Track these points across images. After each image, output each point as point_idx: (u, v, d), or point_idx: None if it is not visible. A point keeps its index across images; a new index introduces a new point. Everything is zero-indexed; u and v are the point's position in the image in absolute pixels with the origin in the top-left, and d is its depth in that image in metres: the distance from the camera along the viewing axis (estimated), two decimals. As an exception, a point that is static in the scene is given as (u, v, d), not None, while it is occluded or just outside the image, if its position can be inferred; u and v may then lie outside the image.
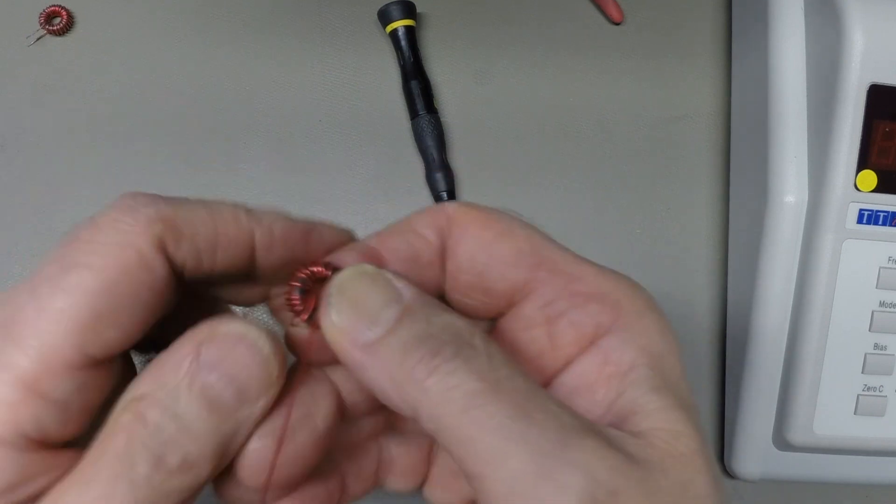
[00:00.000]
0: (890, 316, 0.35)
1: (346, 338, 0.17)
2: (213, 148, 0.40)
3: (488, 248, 0.19)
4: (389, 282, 0.18)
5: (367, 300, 0.18)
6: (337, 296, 0.18)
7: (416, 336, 0.17)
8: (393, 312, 0.17)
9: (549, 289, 0.19)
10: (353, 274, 0.18)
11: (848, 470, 0.37)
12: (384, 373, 0.17)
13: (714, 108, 0.44)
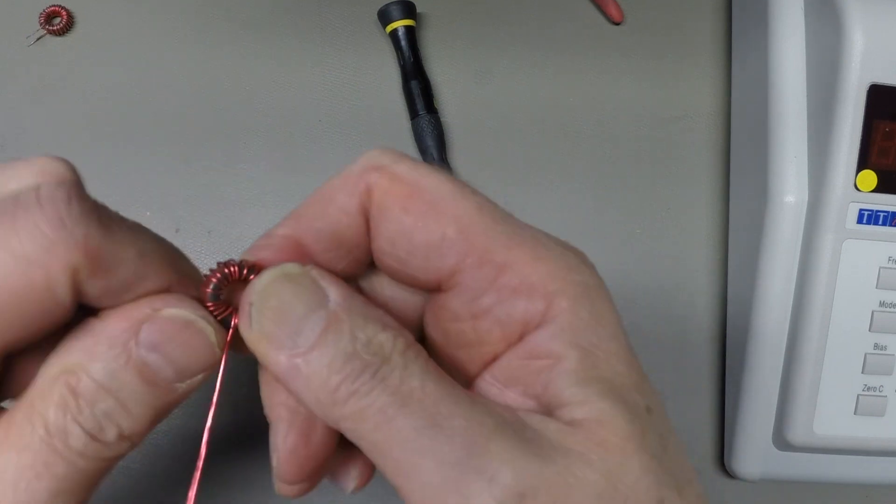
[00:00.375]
0: (890, 316, 0.35)
1: (268, 349, 0.17)
2: (213, 148, 0.40)
3: (410, 235, 0.18)
4: (314, 283, 0.17)
5: (290, 309, 0.17)
6: (258, 304, 0.17)
7: (340, 355, 0.16)
8: (318, 323, 0.16)
9: (475, 282, 0.18)
10: (275, 277, 0.17)
11: (848, 470, 0.37)
12: (307, 389, 0.16)
13: (714, 108, 0.44)
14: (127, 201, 0.39)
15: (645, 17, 0.44)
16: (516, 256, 0.18)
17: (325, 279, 0.17)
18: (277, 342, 0.17)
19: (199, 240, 0.39)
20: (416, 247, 0.18)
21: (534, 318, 0.18)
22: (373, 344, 0.16)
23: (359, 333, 0.16)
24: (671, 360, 0.40)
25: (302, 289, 0.17)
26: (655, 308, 0.41)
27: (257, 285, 0.17)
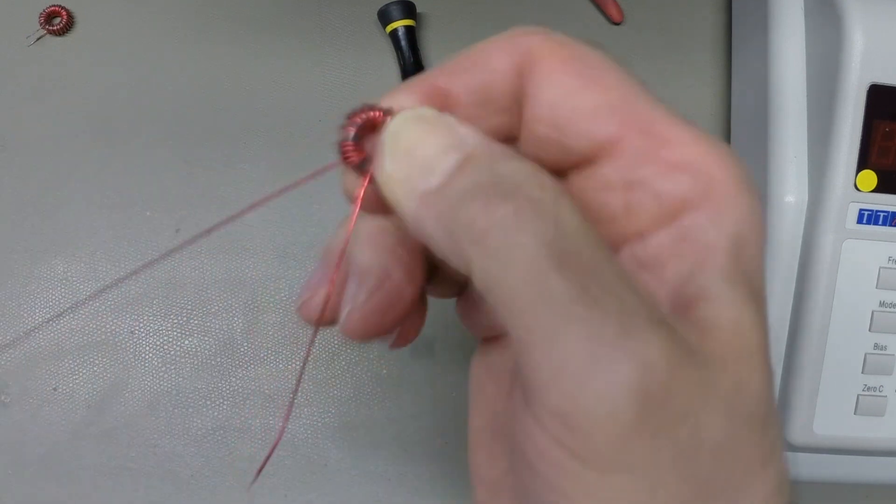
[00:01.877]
0: (890, 316, 0.35)
1: (400, 188, 0.16)
2: (213, 148, 0.40)
3: (573, 98, 0.17)
4: (451, 127, 0.16)
5: (424, 147, 0.16)
6: (391, 143, 0.16)
7: (478, 184, 0.15)
8: (452, 161, 0.16)
9: (636, 151, 0.17)
10: (409, 118, 0.17)
11: (848, 470, 0.37)
12: (440, 224, 0.15)
13: (714, 108, 0.44)
14: (127, 201, 0.39)
15: (645, 17, 0.44)
16: (681, 134, 0.17)
17: (464, 126, 0.16)
18: (409, 182, 0.16)
19: (199, 239, 0.39)
20: (579, 110, 0.17)
21: (693, 198, 0.17)
22: (517, 175, 0.15)
23: (499, 167, 0.15)
24: (671, 360, 0.40)
25: (437, 130, 0.16)
26: (655, 308, 0.41)
27: (391, 126, 0.17)
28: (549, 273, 0.14)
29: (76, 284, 0.38)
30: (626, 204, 0.17)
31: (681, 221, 0.17)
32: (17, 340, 0.38)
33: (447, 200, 0.15)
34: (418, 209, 0.16)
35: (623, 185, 0.17)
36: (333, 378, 0.39)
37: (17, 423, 0.37)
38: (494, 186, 0.15)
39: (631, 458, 0.14)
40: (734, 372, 0.15)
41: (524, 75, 0.17)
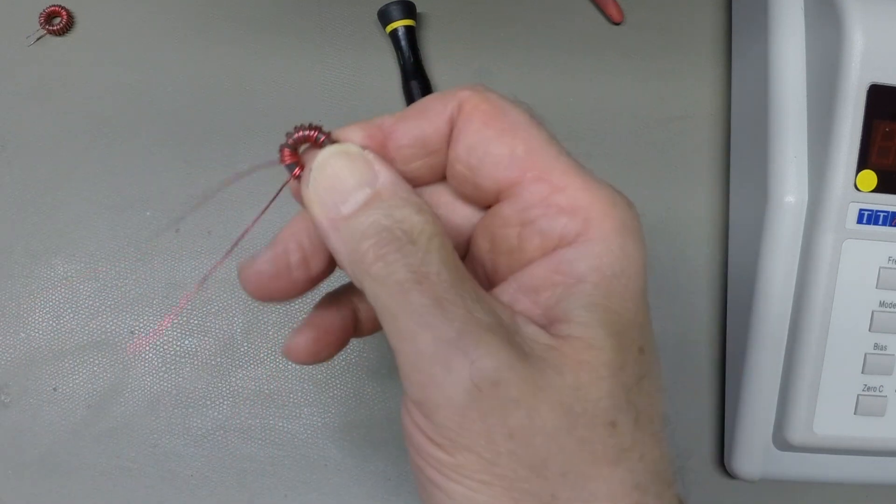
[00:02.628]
0: (890, 316, 0.35)
1: (317, 208, 0.20)
2: (213, 148, 0.40)
3: (485, 146, 0.21)
4: (369, 164, 0.20)
5: (342, 179, 0.20)
6: (317, 170, 0.20)
7: (374, 225, 0.19)
8: (362, 196, 0.20)
9: (530, 195, 0.20)
10: (336, 152, 0.20)
11: (848, 470, 0.37)
12: (343, 247, 0.20)
13: (714, 108, 0.44)
14: (127, 201, 0.39)
15: (645, 17, 0.44)
16: (571, 182, 0.20)
17: (380, 163, 0.20)
18: (325, 206, 0.20)
19: (199, 240, 0.39)
20: (488, 156, 0.21)
21: (569, 236, 0.20)
22: (405, 223, 0.19)
23: (395, 212, 0.19)
24: (671, 360, 0.40)
25: (356, 165, 0.20)
26: (655, 308, 0.40)
27: (321, 155, 0.21)
28: (411, 290, 0.18)
29: (76, 284, 0.38)
30: (520, 238, 0.21)
31: (557, 255, 0.20)
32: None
33: (351, 230, 0.19)
34: (328, 228, 0.20)
35: (518, 223, 0.21)
36: (333, 378, 0.39)
37: (17, 423, 0.37)
38: (387, 230, 0.19)
39: (468, 438, 0.18)
40: (573, 377, 0.18)
41: (454, 124, 0.21)
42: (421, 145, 0.22)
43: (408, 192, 0.20)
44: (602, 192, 0.20)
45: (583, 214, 0.20)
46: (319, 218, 0.20)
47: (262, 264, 0.22)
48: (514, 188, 0.21)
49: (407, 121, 0.21)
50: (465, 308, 0.18)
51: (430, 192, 0.23)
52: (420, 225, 0.19)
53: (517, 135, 0.21)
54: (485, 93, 0.21)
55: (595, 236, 0.20)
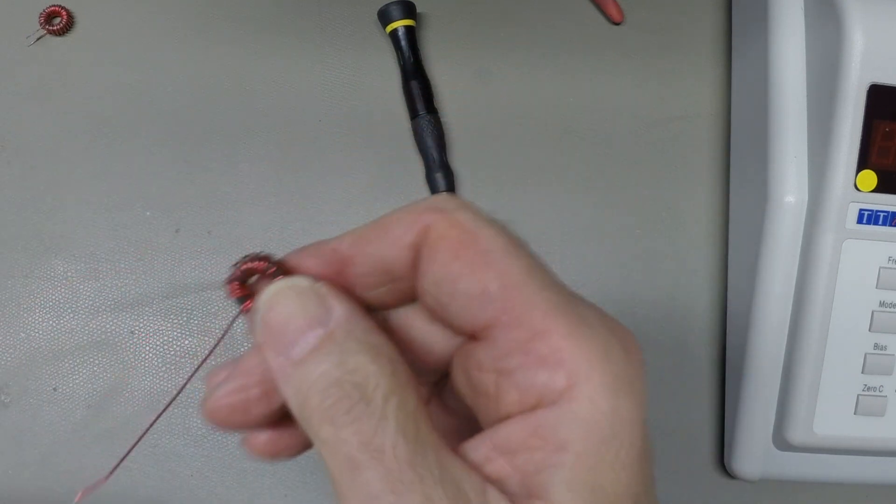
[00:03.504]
0: (890, 316, 0.35)
1: (269, 355, 0.18)
2: (213, 148, 0.40)
3: (454, 281, 0.18)
4: (321, 300, 0.18)
5: (292, 319, 0.18)
6: (265, 310, 0.18)
7: (324, 377, 0.17)
8: (313, 338, 0.17)
9: (507, 341, 0.18)
10: (282, 288, 0.18)
11: (848, 470, 0.37)
12: (292, 398, 0.17)
13: (714, 108, 0.44)
14: (127, 201, 0.39)
15: (645, 17, 0.44)
16: (554, 326, 0.17)
17: (334, 298, 0.18)
18: (275, 349, 0.18)
19: (199, 240, 0.39)
20: (458, 294, 0.18)
21: (551, 394, 0.17)
22: (358, 373, 0.17)
23: (349, 359, 0.17)
24: (671, 360, 0.40)
25: (306, 303, 0.18)
26: (655, 308, 0.41)
27: (268, 293, 0.18)
28: (362, 468, 0.16)
29: (76, 284, 0.38)
30: (496, 388, 0.18)
31: (536, 415, 0.17)
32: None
33: (299, 379, 0.17)
34: (277, 374, 0.18)
35: (494, 371, 0.18)
36: (333, 378, 0.39)
37: (17, 423, 0.37)
38: (338, 385, 0.17)
39: None
40: None
41: (419, 251, 0.19)
42: (383, 272, 0.19)
43: (365, 332, 0.18)
44: (592, 339, 0.17)
45: (567, 368, 0.17)
46: (270, 360, 0.18)
47: (220, 399, 0.20)
48: (489, 331, 0.18)
49: (366, 245, 0.19)
50: (423, 494, 0.16)
51: (403, 314, 0.21)
52: (375, 378, 0.17)
53: (491, 267, 0.18)
54: (454, 214, 0.18)
55: (581, 395, 0.17)
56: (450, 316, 0.19)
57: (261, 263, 0.19)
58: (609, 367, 0.17)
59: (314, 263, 0.19)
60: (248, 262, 0.19)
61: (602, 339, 0.17)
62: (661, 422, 0.40)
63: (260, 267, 0.19)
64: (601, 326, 0.18)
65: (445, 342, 0.20)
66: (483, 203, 0.41)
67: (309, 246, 0.20)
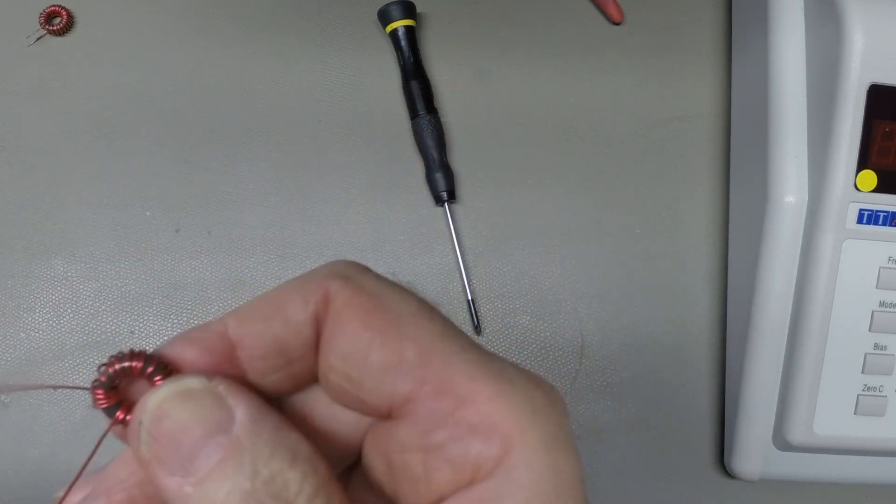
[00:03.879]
0: (890, 316, 0.35)
1: (157, 471, 0.15)
2: (213, 148, 0.40)
3: (366, 354, 0.16)
4: (219, 402, 0.15)
5: (186, 432, 0.15)
6: (148, 424, 0.15)
7: (234, 493, 0.14)
8: (216, 451, 0.15)
9: (430, 413, 0.16)
10: (172, 394, 0.15)
11: (848, 470, 0.37)
12: None
13: (714, 108, 0.44)
14: (127, 201, 0.39)
15: (645, 17, 0.44)
16: (479, 390, 0.16)
17: (235, 396, 0.15)
18: (168, 466, 0.15)
19: (199, 240, 0.39)
20: (371, 366, 0.16)
21: (487, 464, 0.16)
22: (276, 482, 0.15)
23: (262, 467, 0.15)
24: (671, 360, 0.40)
25: (202, 408, 0.15)
26: (655, 308, 0.41)
27: (149, 402, 0.15)
28: None
29: (76, 284, 0.38)
30: (425, 468, 0.16)
31: (475, 490, 0.16)
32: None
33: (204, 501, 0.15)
34: (174, 497, 0.15)
35: (419, 449, 0.16)
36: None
37: (17, 423, 0.37)
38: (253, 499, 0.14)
39: None
40: None
41: (320, 324, 0.17)
42: (277, 355, 0.17)
43: (275, 431, 0.15)
44: (519, 398, 0.16)
45: (499, 433, 0.16)
46: (163, 483, 0.15)
47: None
48: (409, 404, 0.16)
49: (256, 324, 0.17)
50: None
51: (300, 400, 0.18)
52: (296, 483, 0.15)
53: (405, 334, 0.16)
54: (357, 279, 0.17)
55: (518, 462, 0.15)
56: (362, 393, 0.17)
57: (136, 363, 0.16)
58: (541, 425, 0.16)
59: (197, 354, 0.16)
60: (118, 362, 0.16)
61: (528, 396, 0.16)
62: (661, 422, 0.40)
63: (136, 368, 0.16)
64: (525, 382, 0.16)
65: (353, 426, 0.18)
66: (483, 203, 0.41)
67: (188, 333, 0.17)
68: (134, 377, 0.16)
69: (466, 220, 0.41)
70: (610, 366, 0.40)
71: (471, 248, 0.40)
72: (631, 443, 0.39)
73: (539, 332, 0.40)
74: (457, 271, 0.40)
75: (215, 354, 0.16)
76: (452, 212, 0.40)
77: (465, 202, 0.41)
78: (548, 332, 0.40)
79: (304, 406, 0.18)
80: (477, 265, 0.40)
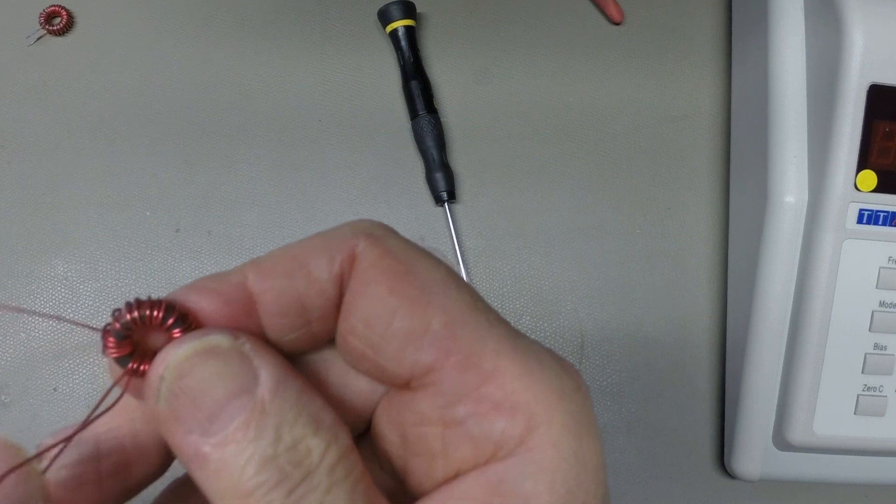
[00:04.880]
0: (890, 316, 0.35)
1: (176, 429, 0.14)
2: (213, 148, 0.40)
3: (390, 318, 0.15)
4: (244, 362, 0.15)
5: (209, 390, 0.14)
6: (170, 380, 0.15)
7: (257, 457, 0.14)
8: (239, 412, 0.14)
9: (454, 386, 0.15)
10: (196, 351, 0.15)
11: (848, 470, 0.37)
12: (212, 483, 0.14)
13: (714, 108, 0.44)
14: (127, 201, 0.39)
15: (645, 17, 0.44)
16: (505, 366, 0.15)
17: (260, 357, 0.15)
18: (188, 424, 0.14)
19: (199, 240, 0.39)
20: (395, 333, 0.15)
21: (510, 443, 0.15)
22: (299, 449, 0.14)
23: (285, 433, 0.14)
24: (671, 360, 0.40)
25: (227, 368, 0.15)
26: (655, 308, 0.41)
27: (172, 358, 0.15)
28: None
29: (76, 284, 0.38)
30: (444, 443, 0.16)
31: (495, 469, 0.15)
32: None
33: (224, 464, 0.14)
34: (192, 460, 0.14)
35: (440, 423, 0.16)
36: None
37: (17, 423, 0.37)
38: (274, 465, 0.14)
39: None
40: None
41: (343, 284, 0.16)
42: (298, 313, 0.16)
43: (299, 395, 0.15)
44: (546, 378, 0.15)
45: (525, 413, 0.15)
46: (181, 441, 0.14)
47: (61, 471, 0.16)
48: (432, 375, 0.15)
49: (278, 279, 0.16)
50: None
51: (314, 361, 0.17)
52: (319, 451, 0.14)
53: (432, 302, 0.15)
54: (385, 241, 0.16)
55: (542, 443, 0.15)
56: (382, 360, 0.16)
57: (156, 312, 0.15)
58: (567, 408, 0.15)
59: (217, 306, 0.16)
60: (136, 310, 0.15)
61: (556, 377, 0.16)
62: (661, 422, 0.40)
63: (156, 318, 0.15)
64: (552, 363, 0.16)
65: (365, 394, 0.18)
66: (483, 203, 0.41)
67: (205, 281, 0.16)
68: (151, 327, 0.15)
69: (466, 220, 0.41)
70: (610, 366, 0.40)
71: (471, 248, 0.40)
72: (631, 443, 0.40)
73: (539, 332, 0.40)
74: (456, 271, 0.40)
75: (235, 308, 0.16)
76: (452, 212, 0.40)
77: (465, 202, 0.41)
78: (548, 332, 0.40)
79: (316, 368, 0.17)
80: (477, 265, 0.40)
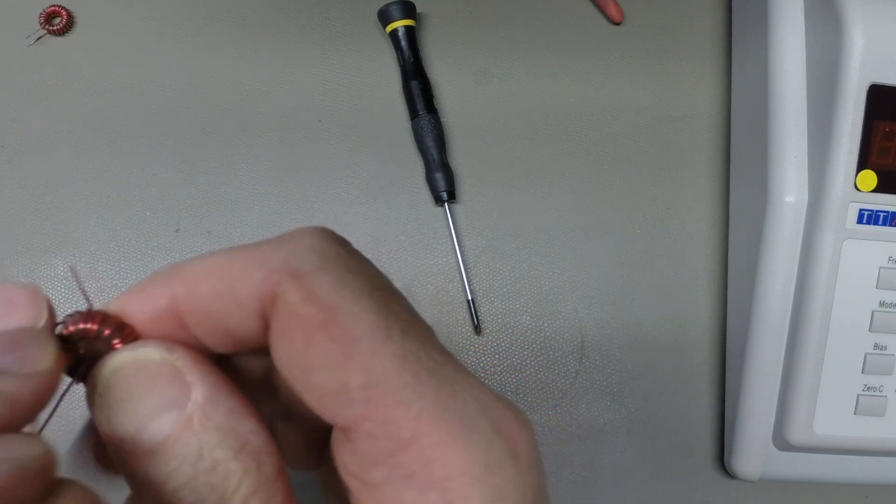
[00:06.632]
0: (890, 316, 0.35)
1: (110, 435, 0.15)
2: (213, 148, 0.40)
3: (308, 372, 0.15)
4: (176, 377, 0.15)
5: (139, 402, 0.15)
6: (103, 390, 0.15)
7: (175, 474, 0.14)
8: (167, 423, 0.14)
9: (370, 450, 0.15)
10: (128, 363, 0.15)
11: (848, 470, 0.37)
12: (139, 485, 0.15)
13: (714, 108, 0.44)
14: (127, 201, 0.39)
15: (645, 17, 0.44)
16: (426, 434, 0.14)
17: (193, 372, 0.15)
18: (119, 433, 0.15)
19: (199, 240, 0.39)
20: (312, 388, 0.15)
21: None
22: (217, 472, 0.14)
23: (206, 453, 0.14)
24: (671, 360, 0.40)
25: (158, 382, 0.15)
26: (655, 308, 0.41)
27: (106, 369, 0.15)
28: None
29: (76, 284, 0.38)
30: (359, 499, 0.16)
31: None
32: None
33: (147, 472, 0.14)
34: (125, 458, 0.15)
35: (359, 479, 0.15)
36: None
37: (17, 423, 0.37)
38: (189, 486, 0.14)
39: None
40: None
41: (269, 318, 0.15)
42: (226, 335, 0.16)
43: (228, 417, 0.14)
44: (473, 447, 0.14)
45: (438, 486, 0.14)
46: (115, 444, 0.15)
47: None
48: (353, 433, 0.15)
49: (205, 300, 0.15)
50: None
51: None
52: (236, 478, 0.14)
53: (352, 359, 0.14)
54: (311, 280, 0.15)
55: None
56: (308, 402, 0.15)
57: (92, 325, 0.15)
58: (493, 480, 0.14)
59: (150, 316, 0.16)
60: (74, 324, 0.16)
61: (484, 445, 0.15)
62: (661, 422, 0.40)
63: (91, 330, 0.15)
64: (482, 421, 0.15)
65: None
66: (483, 203, 0.41)
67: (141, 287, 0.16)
68: (90, 339, 0.16)
69: (466, 219, 0.41)
70: (610, 366, 0.40)
71: (471, 247, 0.40)
72: (631, 443, 0.40)
73: (539, 332, 0.40)
74: (457, 271, 0.40)
75: (169, 319, 0.16)
76: (452, 212, 0.40)
77: (465, 202, 0.41)
78: (548, 332, 0.40)
79: None
80: (477, 265, 0.40)
